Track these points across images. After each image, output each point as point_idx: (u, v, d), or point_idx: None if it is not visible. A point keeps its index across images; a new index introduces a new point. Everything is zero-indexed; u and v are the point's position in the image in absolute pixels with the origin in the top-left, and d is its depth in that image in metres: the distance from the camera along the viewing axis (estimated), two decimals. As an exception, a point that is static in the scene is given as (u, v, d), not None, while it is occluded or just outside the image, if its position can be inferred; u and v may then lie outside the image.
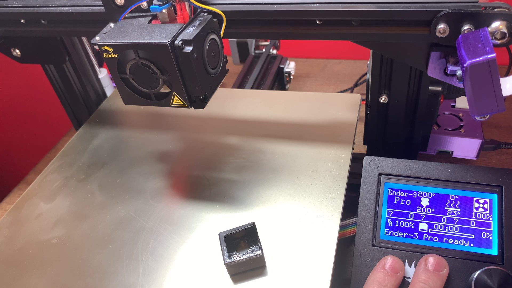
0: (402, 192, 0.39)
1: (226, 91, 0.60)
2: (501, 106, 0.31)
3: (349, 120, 0.49)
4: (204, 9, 0.38)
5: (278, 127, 0.50)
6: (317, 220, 0.39)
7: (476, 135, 0.52)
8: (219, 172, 0.46)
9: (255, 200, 0.42)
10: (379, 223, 0.38)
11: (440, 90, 0.45)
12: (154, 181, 0.46)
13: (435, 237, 0.37)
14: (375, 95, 0.45)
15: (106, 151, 0.52)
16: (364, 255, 0.37)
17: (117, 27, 0.37)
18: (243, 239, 0.37)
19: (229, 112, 0.54)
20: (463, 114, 0.56)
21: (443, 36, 0.34)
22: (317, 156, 0.45)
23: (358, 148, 0.62)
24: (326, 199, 0.41)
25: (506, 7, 0.32)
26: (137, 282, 0.37)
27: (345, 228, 0.41)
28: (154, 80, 0.36)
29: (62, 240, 0.42)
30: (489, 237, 0.36)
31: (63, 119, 0.70)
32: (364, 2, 0.35)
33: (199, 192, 0.44)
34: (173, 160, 0.49)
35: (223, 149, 0.49)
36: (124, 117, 0.57)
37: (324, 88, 0.79)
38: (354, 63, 0.84)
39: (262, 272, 0.36)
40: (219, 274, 0.37)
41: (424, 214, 0.38)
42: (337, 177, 0.42)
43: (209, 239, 0.39)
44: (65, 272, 0.39)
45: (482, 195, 0.37)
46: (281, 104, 0.53)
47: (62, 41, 0.52)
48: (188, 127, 0.54)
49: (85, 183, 0.48)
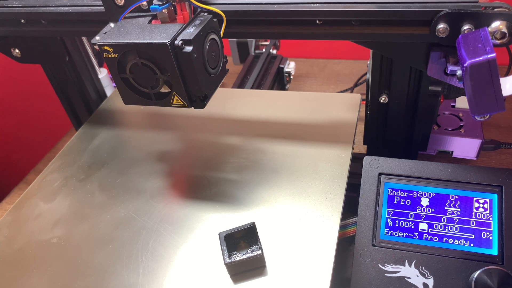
0: (402, 192, 0.39)
1: (226, 91, 0.60)
2: (501, 106, 0.31)
3: (349, 120, 0.49)
4: (204, 9, 0.38)
5: (278, 127, 0.50)
6: (317, 220, 0.39)
7: (476, 135, 0.52)
8: (219, 172, 0.46)
9: (255, 200, 0.42)
10: (379, 223, 0.38)
11: (440, 90, 0.45)
12: (154, 181, 0.46)
13: (435, 237, 0.37)
14: (375, 95, 0.45)
15: (106, 151, 0.52)
16: (364, 255, 0.37)
17: (117, 27, 0.37)
18: (243, 239, 0.37)
19: (229, 112, 0.54)
20: (463, 114, 0.56)
21: (443, 36, 0.34)
22: (317, 156, 0.45)
23: (358, 148, 0.62)
24: (326, 199, 0.41)
25: (506, 7, 0.32)
26: (137, 282, 0.37)
27: (345, 228, 0.41)
28: (154, 80, 0.36)
29: (62, 240, 0.42)
30: (489, 237, 0.36)
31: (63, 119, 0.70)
32: (364, 2, 0.35)
33: (199, 192, 0.44)
34: (173, 160, 0.49)
35: (223, 149, 0.49)
36: (124, 117, 0.57)
37: (324, 88, 0.79)
38: (354, 63, 0.84)
39: (262, 272, 0.36)
40: (219, 274, 0.37)
41: (424, 214, 0.38)
42: (337, 177, 0.42)
43: (209, 239, 0.39)
44: (65, 272, 0.39)
45: (482, 195, 0.37)
46: (281, 104, 0.53)
47: (62, 41, 0.53)
48: (188, 127, 0.54)
49: (85, 183, 0.48)
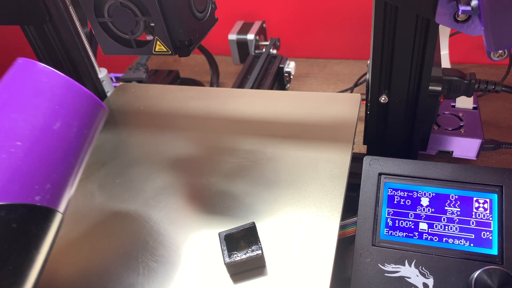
0: (402, 192, 0.39)
1: (226, 91, 0.60)
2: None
3: (349, 120, 0.49)
4: None
5: (278, 127, 0.50)
6: (317, 220, 0.39)
7: (476, 135, 0.52)
8: (219, 172, 0.46)
9: (255, 200, 0.42)
10: (379, 223, 0.38)
11: (440, 90, 0.45)
12: (154, 181, 0.46)
13: (435, 237, 0.37)
14: (375, 95, 0.45)
15: (106, 151, 0.52)
16: (364, 255, 0.37)
17: None
18: (243, 239, 0.37)
19: (229, 112, 0.54)
20: (463, 114, 0.56)
21: None
22: (317, 156, 0.45)
23: (358, 148, 0.62)
24: (326, 199, 0.41)
25: None
26: (137, 282, 0.37)
27: (345, 228, 0.41)
28: (135, 23, 0.34)
29: (62, 240, 0.42)
30: (489, 237, 0.36)
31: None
32: None
33: (199, 192, 0.44)
34: (173, 160, 0.49)
35: (223, 149, 0.49)
36: (124, 117, 0.57)
37: (324, 88, 0.79)
38: (354, 63, 0.84)
39: (262, 272, 0.36)
40: (219, 274, 0.37)
41: (424, 214, 0.38)
42: (337, 177, 0.42)
43: (209, 239, 0.39)
44: (65, 272, 0.39)
45: (482, 195, 0.37)
46: (281, 104, 0.53)
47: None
48: (188, 127, 0.54)
49: (85, 183, 0.48)
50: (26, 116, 0.29)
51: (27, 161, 0.28)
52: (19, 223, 0.27)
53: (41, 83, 0.31)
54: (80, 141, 0.32)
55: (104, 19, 0.34)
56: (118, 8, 0.33)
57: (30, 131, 0.29)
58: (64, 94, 0.31)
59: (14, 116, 0.29)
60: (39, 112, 0.30)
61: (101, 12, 0.34)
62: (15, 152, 0.28)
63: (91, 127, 0.34)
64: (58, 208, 0.31)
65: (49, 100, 0.30)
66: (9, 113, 0.29)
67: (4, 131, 0.28)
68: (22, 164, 0.28)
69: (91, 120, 0.34)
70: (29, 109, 0.30)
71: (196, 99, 0.57)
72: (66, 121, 0.31)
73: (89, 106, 0.33)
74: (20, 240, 0.27)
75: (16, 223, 0.27)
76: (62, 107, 0.31)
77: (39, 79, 0.31)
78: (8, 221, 0.27)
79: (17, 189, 0.27)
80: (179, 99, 0.58)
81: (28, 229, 0.28)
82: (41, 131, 0.30)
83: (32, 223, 0.28)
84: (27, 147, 0.29)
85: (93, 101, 0.33)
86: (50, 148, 0.30)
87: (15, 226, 0.27)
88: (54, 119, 0.30)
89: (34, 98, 0.30)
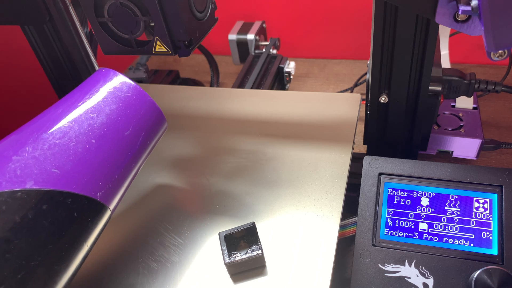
0: (402, 192, 0.39)
1: (226, 91, 0.60)
2: None
3: (349, 120, 0.49)
4: None
5: (278, 127, 0.50)
6: (317, 220, 0.39)
7: (476, 135, 0.52)
8: (219, 172, 0.46)
9: (255, 200, 0.42)
10: (379, 223, 0.38)
11: (440, 90, 0.45)
12: (154, 180, 0.46)
13: (435, 237, 0.37)
14: (375, 95, 0.45)
15: (106, 151, 0.52)
16: (364, 255, 0.37)
17: None
18: (243, 239, 0.37)
19: (229, 112, 0.54)
20: (463, 114, 0.56)
21: None
22: (317, 156, 0.45)
23: (358, 148, 0.62)
24: (326, 199, 0.41)
25: None
26: (137, 282, 0.37)
27: (345, 228, 0.41)
28: (135, 23, 0.34)
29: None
30: (489, 237, 0.36)
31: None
32: None
33: (199, 192, 0.44)
34: (173, 160, 0.49)
35: (223, 149, 0.49)
36: (124, 117, 0.57)
37: (324, 88, 0.79)
38: (354, 63, 0.84)
39: (262, 271, 0.36)
40: (219, 274, 0.37)
41: (424, 214, 0.38)
42: (337, 177, 0.42)
43: (209, 239, 0.39)
44: (65, 272, 0.39)
45: (482, 195, 0.37)
46: (281, 104, 0.53)
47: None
48: (188, 127, 0.54)
49: (85, 183, 0.48)
50: (103, 118, 0.32)
51: (97, 158, 0.31)
52: (80, 213, 0.29)
53: (121, 91, 0.34)
54: (143, 150, 0.36)
55: (104, 19, 0.34)
56: (118, 8, 0.33)
57: (104, 132, 0.32)
58: (139, 105, 0.35)
59: (92, 116, 0.32)
60: (114, 117, 0.33)
61: (101, 12, 0.34)
62: (89, 148, 0.31)
63: (153, 139, 0.37)
64: (110, 207, 0.32)
65: (125, 108, 0.34)
66: (88, 113, 0.32)
67: (83, 127, 0.31)
68: (93, 160, 0.30)
69: (155, 133, 0.37)
70: (106, 112, 0.33)
71: (196, 99, 0.57)
72: (135, 129, 0.34)
73: (156, 120, 0.37)
74: (77, 229, 0.29)
75: (77, 212, 0.29)
76: (135, 117, 0.34)
77: (120, 88, 0.34)
78: (72, 210, 0.28)
79: (85, 181, 0.30)
80: (179, 99, 0.58)
81: (85, 221, 0.30)
82: (114, 134, 0.32)
83: (89, 216, 0.30)
84: (100, 145, 0.31)
85: (160, 117, 0.37)
86: (118, 151, 0.33)
87: (76, 215, 0.29)
88: (126, 126, 0.34)
89: (113, 104, 0.33)
